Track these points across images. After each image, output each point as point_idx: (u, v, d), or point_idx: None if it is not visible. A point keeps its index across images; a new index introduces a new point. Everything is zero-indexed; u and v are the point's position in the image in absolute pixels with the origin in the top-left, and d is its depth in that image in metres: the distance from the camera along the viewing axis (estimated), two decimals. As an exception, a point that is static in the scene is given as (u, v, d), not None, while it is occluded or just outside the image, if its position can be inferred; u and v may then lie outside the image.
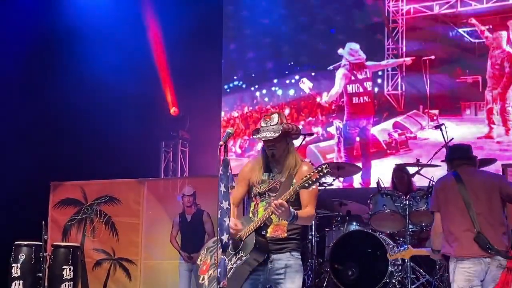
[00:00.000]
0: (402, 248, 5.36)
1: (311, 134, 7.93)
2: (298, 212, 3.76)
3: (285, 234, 3.85)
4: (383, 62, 8.92)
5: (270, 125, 3.90)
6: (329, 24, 9.32)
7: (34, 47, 8.91)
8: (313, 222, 7.01)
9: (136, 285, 7.11)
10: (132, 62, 9.08)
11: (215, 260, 3.86)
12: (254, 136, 3.98)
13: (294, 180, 3.86)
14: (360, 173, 8.10)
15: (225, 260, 3.53)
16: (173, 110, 9.60)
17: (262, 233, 3.79)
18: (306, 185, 3.61)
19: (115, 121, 8.80)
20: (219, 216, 3.59)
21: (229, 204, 3.64)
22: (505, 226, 4.43)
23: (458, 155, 4.74)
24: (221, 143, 3.76)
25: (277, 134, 3.85)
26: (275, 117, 3.93)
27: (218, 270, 3.51)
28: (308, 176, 3.60)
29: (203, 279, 3.96)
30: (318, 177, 3.58)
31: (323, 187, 7.28)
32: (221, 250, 3.52)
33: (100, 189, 7.52)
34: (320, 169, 3.60)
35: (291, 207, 3.69)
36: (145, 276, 7.11)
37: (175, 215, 6.96)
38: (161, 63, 9.49)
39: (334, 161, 8.62)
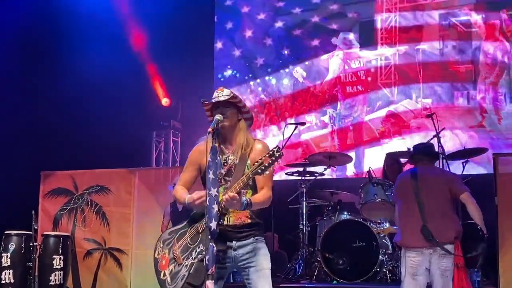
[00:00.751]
0: (383, 225, 6.16)
1: (303, 123, 7.90)
2: (252, 198, 3.68)
3: (249, 220, 3.78)
4: (377, 51, 8.90)
5: (222, 95, 3.83)
6: (322, 13, 9.29)
7: (25, 38, 8.85)
8: (304, 211, 7.04)
9: (127, 275, 7.07)
10: (124, 52, 9.03)
11: (174, 254, 3.83)
12: (203, 103, 3.87)
13: (249, 161, 3.76)
14: (353, 162, 8.12)
15: (213, 247, 3.48)
16: (165, 101, 9.55)
17: (220, 222, 3.64)
18: (259, 171, 3.49)
19: (106, 111, 8.75)
20: (207, 203, 3.56)
21: (217, 191, 3.59)
22: (452, 220, 4.82)
23: (418, 152, 5.15)
24: (209, 129, 3.73)
25: (226, 97, 3.77)
26: (228, 90, 3.86)
27: (207, 257, 3.47)
28: (260, 161, 3.48)
29: (164, 274, 3.85)
30: (270, 161, 3.46)
31: (313, 177, 7.29)
32: (209, 236, 3.48)
33: (91, 179, 7.45)
34: (271, 153, 3.48)
35: (243, 197, 3.60)
36: (136, 265, 7.06)
37: (167, 205, 6.93)
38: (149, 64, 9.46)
39: (328, 150, 8.64)
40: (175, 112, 9.70)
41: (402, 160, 6.96)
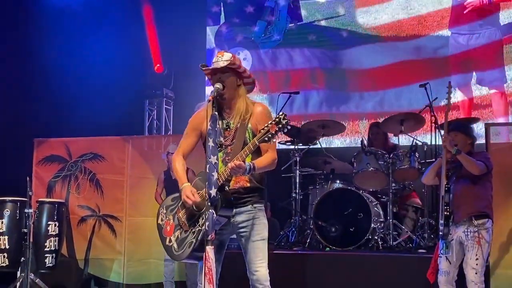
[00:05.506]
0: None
1: (297, 92, 7.92)
2: (256, 162, 3.67)
3: (248, 184, 3.78)
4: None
5: (221, 60, 3.78)
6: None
7: (16, 7, 8.74)
8: (297, 180, 7.09)
9: (121, 241, 7.14)
10: (117, 19, 8.95)
11: (179, 221, 3.83)
12: (202, 68, 3.83)
13: (250, 125, 3.76)
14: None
15: (213, 213, 3.53)
16: (157, 67, 9.50)
17: (226, 189, 3.66)
18: (266, 139, 3.48)
19: (99, 78, 8.72)
20: (207, 170, 3.59)
21: (217, 159, 3.62)
22: None
23: None
24: (209, 97, 3.73)
25: (226, 63, 3.72)
26: (228, 55, 3.80)
27: (207, 223, 3.52)
28: (266, 129, 3.47)
29: (170, 241, 3.86)
30: (277, 129, 3.45)
31: (307, 146, 7.34)
32: (209, 203, 3.52)
33: (84, 146, 7.47)
34: (278, 120, 3.45)
35: (246, 161, 3.59)
36: (129, 232, 7.13)
37: (160, 173, 6.97)
38: (148, 19, 9.34)
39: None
40: (168, 80, 9.67)
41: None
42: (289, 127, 3.51)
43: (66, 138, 7.59)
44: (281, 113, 3.50)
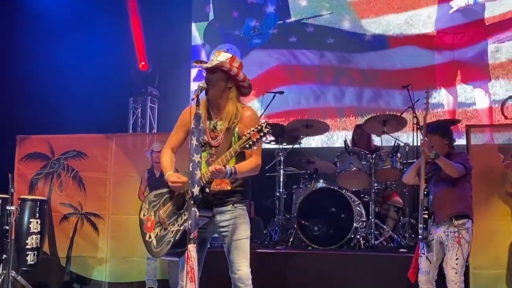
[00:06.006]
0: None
1: (281, 92, 7.93)
2: (238, 166, 3.65)
3: (229, 187, 3.76)
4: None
5: (215, 59, 3.76)
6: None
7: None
8: (281, 179, 7.12)
9: (104, 239, 7.11)
10: (102, 16, 8.91)
11: (159, 218, 3.83)
12: (194, 64, 3.84)
13: (237, 129, 3.75)
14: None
15: (196, 211, 3.54)
16: (141, 64, 9.48)
17: (206, 191, 3.64)
18: (247, 146, 3.47)
19: (83, 76, 8.68)
20: (190, 169, 3.59)
21: (200, 158, 3.61)
22: None
23: None
24: (193, 96, 3.73)
25: (213, 64, 3.70)
26: (226, 55, 3.78)
27: (189, 221, 3.52)
28: (248, 136, 3.46)
29: (150, 237, 3.87)
30: (258, 137, 3.43)
31: (291, 146, 7.37)
32: (192, 202, 3.53)
33: (67, 144, 7.42)
34: (259, 128, 3.44)
35: (227, 166, 3.58)
36: (112, 230, 7.10)
37: (144, 171, 6.96)
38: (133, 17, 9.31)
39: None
40: (153, 78, 9.66)
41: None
42: (269, 137, 3.50)
43: (49, 136, 7.53)
44: (263, 121, 3.50)
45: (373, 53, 8.94)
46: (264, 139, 3.52)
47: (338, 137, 8.72)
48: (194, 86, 8.85)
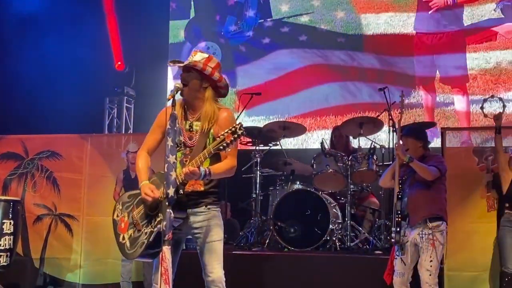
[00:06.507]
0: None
1: (259, 93, 7.93)
2: (212, 168, 3.63)
3: (202, 188, 3.75)
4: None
5: (192, 59, 3.74)
6: None
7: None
8: (258, 181, 7.11)
9: (78, 241, 7.03)
10: (77, 16, 8.82)
11: (133, 219, 3.80)
12: (170, 64, 3.82)
13: (212, 131, 3.73)
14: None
15: (171, 213, 3.52)
16: (118, 64, 9.40)
17: (180, 192, 3.61)
18: (221, 147, 3.45)
19: (58, 76, 8.58)
20: (165, 170, 3.57)
21: (176, 159, 3.60)
22: None
23: None
24: (168, 96, 3.69)
25: (188, 62, 3.68)
26: (202, 55, 3.75)
27: (164, 223, 3.50)
28: (222, 137, 3.43)
29: (124, 238, 3.84)
30: (232, 139, 3.41)
31: (268, 147, 7.37)
32: (167, 203, 3.51)
33: (41, 144, 7.32)
34: (234, 130, 3.42)
35: (201, 167, 3.55)
36: (87, 232, 7.02)
37: (119, 172, 6.89)
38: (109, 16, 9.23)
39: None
40: (129, 78, 9.59)
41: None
42: (242, 137, 3.49)
43: (23, 135, 7.43)
44: (237, 123, 3.48)
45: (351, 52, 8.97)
46: (238, 140, 3.50)
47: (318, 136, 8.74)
48: (171, 85, 8.80)
